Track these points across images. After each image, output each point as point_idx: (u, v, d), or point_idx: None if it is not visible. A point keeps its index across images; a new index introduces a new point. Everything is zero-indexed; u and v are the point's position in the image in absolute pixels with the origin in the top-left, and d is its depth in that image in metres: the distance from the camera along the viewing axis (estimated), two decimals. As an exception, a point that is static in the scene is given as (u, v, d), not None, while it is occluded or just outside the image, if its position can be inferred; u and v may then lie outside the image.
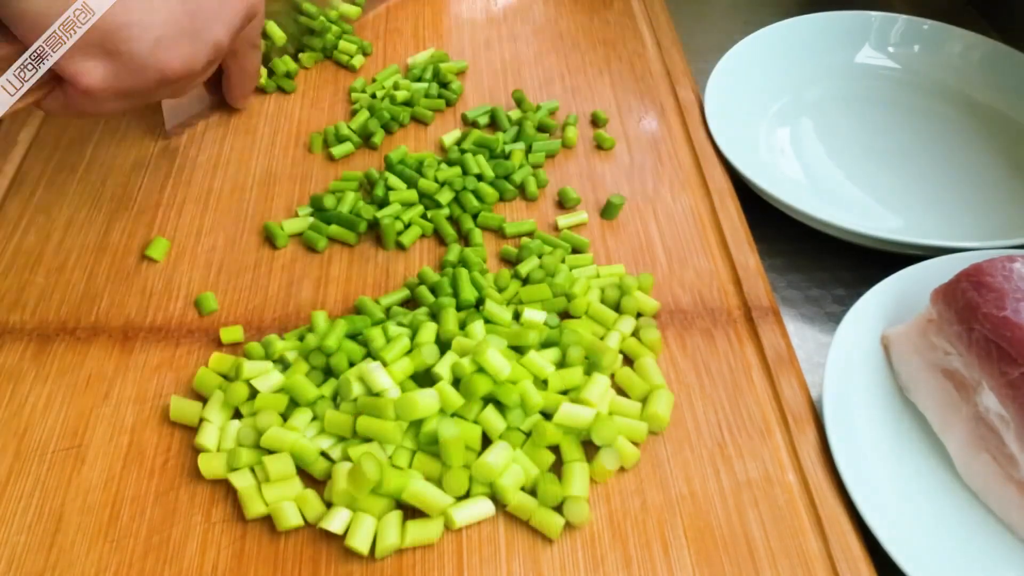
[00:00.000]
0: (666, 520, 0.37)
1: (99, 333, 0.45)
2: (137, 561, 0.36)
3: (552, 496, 0.36)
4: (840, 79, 0.63)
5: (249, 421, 0.39)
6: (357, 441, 0.38)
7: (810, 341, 0.47)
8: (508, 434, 0.38)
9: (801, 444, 0.39)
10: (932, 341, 0.40)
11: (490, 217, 0.50)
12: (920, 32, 0.64)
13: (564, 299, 0.44)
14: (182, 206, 0.52)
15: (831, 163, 0.57)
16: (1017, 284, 0.37)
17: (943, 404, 0.40)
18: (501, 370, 0.38)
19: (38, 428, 0.40)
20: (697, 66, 0.63)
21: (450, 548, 0.36)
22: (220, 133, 0.57)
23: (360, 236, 0.49)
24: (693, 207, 0.52)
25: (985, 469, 0.37)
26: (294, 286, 0.47)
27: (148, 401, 0.41)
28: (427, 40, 0.66)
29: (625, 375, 0.41)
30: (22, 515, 0.37)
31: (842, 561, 0.35)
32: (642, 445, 0.39)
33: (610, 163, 0.55)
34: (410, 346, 0.40)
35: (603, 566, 0.35)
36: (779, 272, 0.51)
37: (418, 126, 0.58)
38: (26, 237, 0.50)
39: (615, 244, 0.49)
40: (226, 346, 0.44)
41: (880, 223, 0.52)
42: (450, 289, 0.44)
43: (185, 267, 0.48)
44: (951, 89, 0.62)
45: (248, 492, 0.37)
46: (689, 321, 0.45)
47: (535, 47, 0.65)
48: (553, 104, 0.59)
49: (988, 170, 0.56)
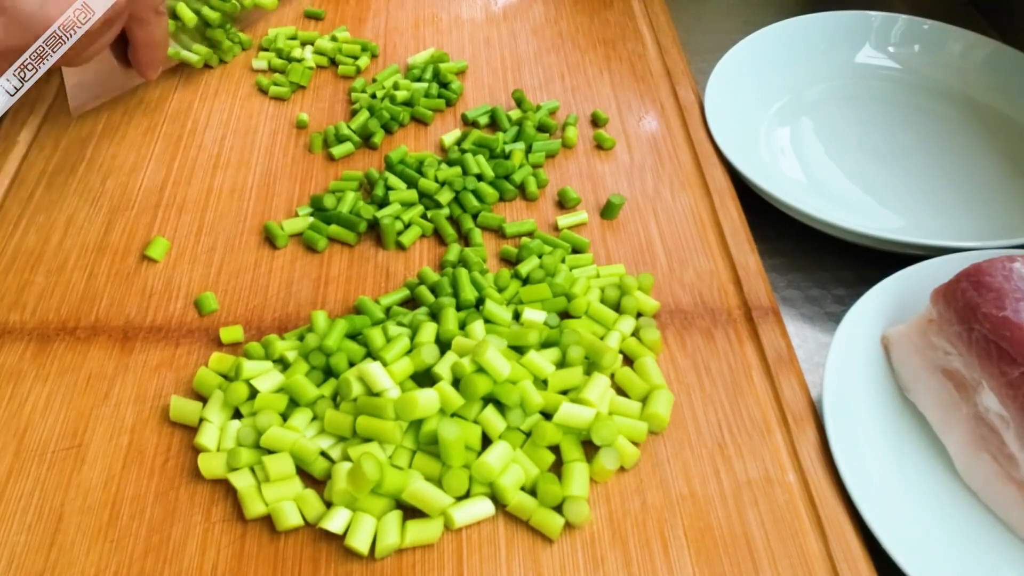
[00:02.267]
0: (666, 520, 0.37)
1: (99, 333, 0.45)
2: (137, 561, 0.36)
3: (552, 496, 0.36)
4: (840, 79, 0.63)
5: (249, 421, 0.39)
6: (357, 441, 0.38)
7: (810, 341, 0.47)
8: (508, 434, 0.38)
9: (801, 444, 0.39)
10: (932, 341, 0.40)
11: (490, 217, 0.50)
12: (920, 32, 0.64)
13: (564, 299, 0.44)
14: (182, 206, 0.52)
15: (831, 163, 0.57)
16: (1017, 284, 0.37)
17: (943, 404, 0.40)
18: (501, 370, 0.38)
19: (38, 428, 0.40)
20: (697, 66, 0.63)
21: (450, 548, 0.36)
22: (220, 133, 0.57)
23: (360, 236, 0.49)
24: (693, 207, 0.52)
25: (985, 469, 0.37)
26: (294, 286, 0.47)
27: (148, 401, 0.41)
28: (427, 40, 0.66)
29: (625, 375, 0.41)
30: (22, 515, 0.37)
31: (842, 561, 0.35)
32: (642, 445, 0.39)
33: (610, 163, 0.55)
34: (410, 346, 0.41)
35: (603, 566, 0.35)
36: (779, 272, 0.51)
37: (418, 126, 0.58)
38: (26, 237, 0.50)
39: (615, 244, 0.49)
40: (226, 346, 0.44)
41: (880, 223, 0.52)
42: (450, 289, 0.44)
43: (185, 267, 0.48)
44: (951, 89, 0.62)
45: (248, 492, 0.37)
46: (689, 321, 0.45)
47: (535, 47, 0.65)
48: (553, 104, 0.59)
49: (988, 170, 0.56)
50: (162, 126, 0.57)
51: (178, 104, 0.59)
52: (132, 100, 0.59)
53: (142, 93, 0.60)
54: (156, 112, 0.58)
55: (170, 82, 0.61)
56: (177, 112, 0.59)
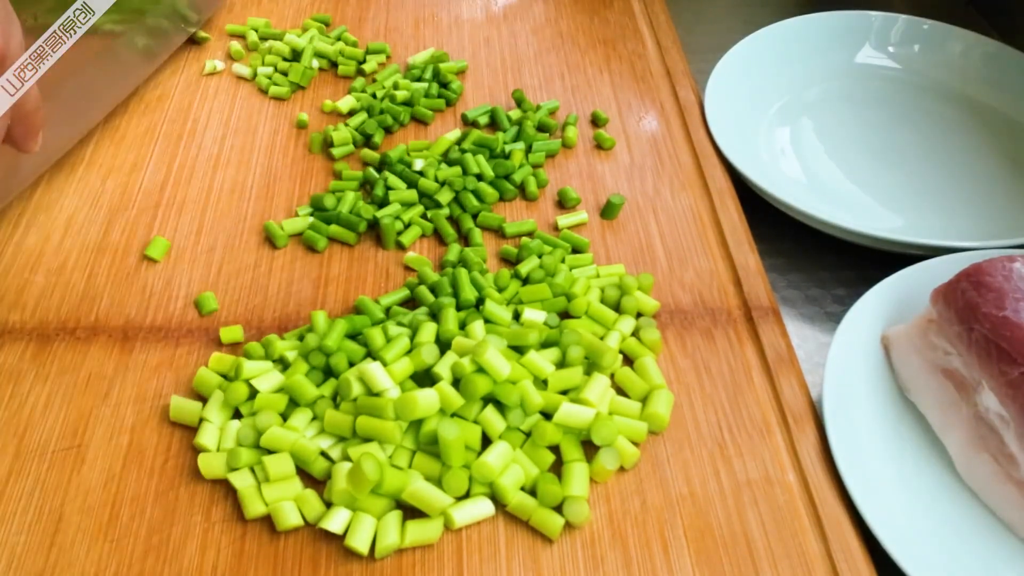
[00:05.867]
0: (666, 520, 0.37)
1: (99, 333, 0.45)
2: (137, 561, 0.36)
3: (552, 496, 0.36)
4: (840, 79, 0.63)
5: (249, 421, 0.39)
6: (357, 441, 0.38)
7: (810, 341, 0.47)
8: (508, 434, 0.38)
9: (801, 444, 0.39)
10: (932, 341, 0.40)
11: (490, 217, 0.50)
12: (920, 32, 0.64)
13: (564, 299, 0.44)
14: (182, 206, 0.52)
15: (831, 163, 0.57)
16: (1017, 284, 0.37)
17: (943, 404, 0.40)
18: (501, 370, 0.38)
19: (38, 428, 0.40)
20: (697, 66, 0.63)
21: (450, 548, 0.36)
22: (220, 133, 0.57)
23: (360, 236, 0.49)
24: (693, 207, 0.52)
25: (985, 469, 0.37)
26: (294, 286, 0.47)
27: (148, 401, 0.41)
28: (427, 40, 0.66)
29: (625, 375, 0.41)
30: (22, 515, 0.37)
31: (842, 561, 0.35)
32: (642, 445, 0.39)
33: (610, 163, 0.55)
34: (410, 346, 0.41)
35: (603, 566, 0.35)
36: (779, 272, 0.51)
37: (418, 126, 0.58)
38: (26, 237, 0.50)
39: (615, 244, 0.49)
40: (226, 346, 0.44)
41: (880, 223, 0.52)
42: (450, 289, 0.44)
43: (185, 267, 0.48)
44: (951, 89, 0.62)
45: (248, 492, 0.37)
46: (689, 321, 0.45)
47: (535, 46, 0.65)
48: (553, 104, 0.59)
49: (988, 170, 0.56)
50: (162, 126, 0.57)
51: (178, 104, 0.59)
52: (132, 100, 0.59)
53: (142, 92, 0.60)
54: (156, 112, 0.58)
55: (170, 82, 0.61)
56: (177, 112, 0.59)
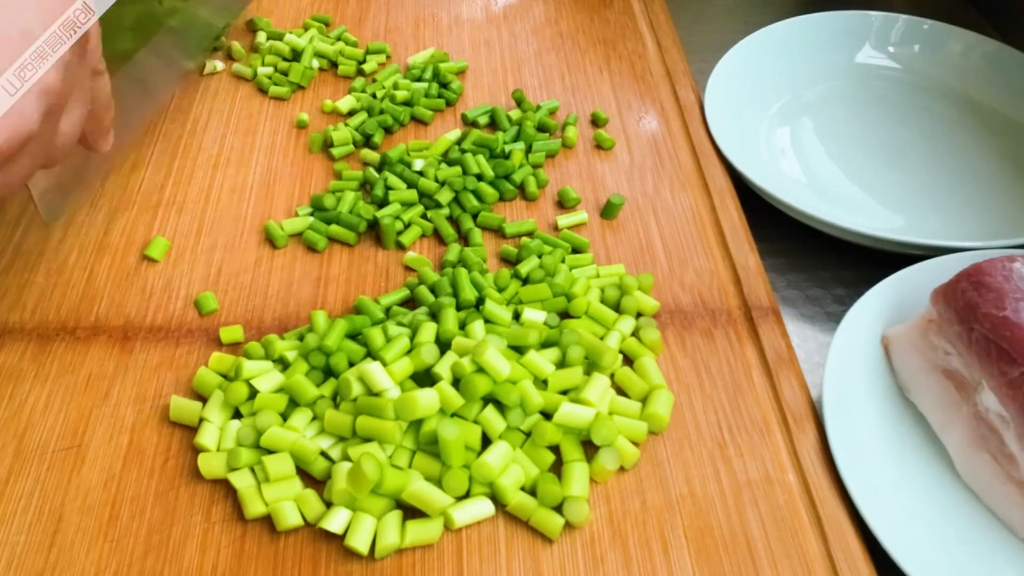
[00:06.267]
0: (666, 520, 0.37)
1: (99, 333, 0.45)
2: (137, 561, 0.36)
3: (552, 496, 0.36)
4: (840, 79, 0.63)
5: (249, 421, 0.39)
6: (357, 441, 0.38)
7: (810, 341, 0.47)
8: (508, 434, 0.38)
9: (801, 444, 0.39)
10: (932, 341, 0.40)
11: (490, 217, 0.50)
12: (920, 32, 0.64)
13: (564, 299, 0.44)
14: (182, 206, 0.52)
15: (831, 163, 0.57)
16: (1017, 284, 0.37)
17: (943, 404, 0.40)
18: (501, 370, 0.38)
19: (38, 428, 0.40)
20: (697, 66, 0.63)
21: (450, 548, 0.36)
22: (220, 133, 0.57)
23: (360, 236, 0.49)
24: (693, 207, 0.52)
25: (985, 469, 0.37)
26: (294, 286, 0.47)
27: (148, 401, 0.41)
28: (427, 40, 0.66)
29: (625, 375, 0.41)
30: (22, 515, 0.37)
31: (842, 561, 0.35)
32: (642, 445, 0.39)
33: (610, 163, 0.55)
34: (410, 346, 0.40)
35: (603, 566, 0.35)
36: (779, 272, 0.51)
37: (418, 126, 0.58)
38: (26, 237, 0.50)
39: (615, 244, 0.49)
40: (226, 346, 0.44)
41: (880, 223, 0.52)
42: (450, 289, 0.44)
43: (185, 267, 0.48)
44: (951, 89, 0.62)
45: (248, 492, 0.37)
46: (689, 321, 0.45)
47: (535, 46, 0.65)
48: (553, 104, 0.59)
49: (988, 170, 0.56)
50: (162, 126, 0.57)
51: (178, 104, 0.59)
52: (132, 100, 0.59)
53: (142, 93, 0.60)
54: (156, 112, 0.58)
55: (170, 82, 0.61)
56: (177, 112, 0.58)
